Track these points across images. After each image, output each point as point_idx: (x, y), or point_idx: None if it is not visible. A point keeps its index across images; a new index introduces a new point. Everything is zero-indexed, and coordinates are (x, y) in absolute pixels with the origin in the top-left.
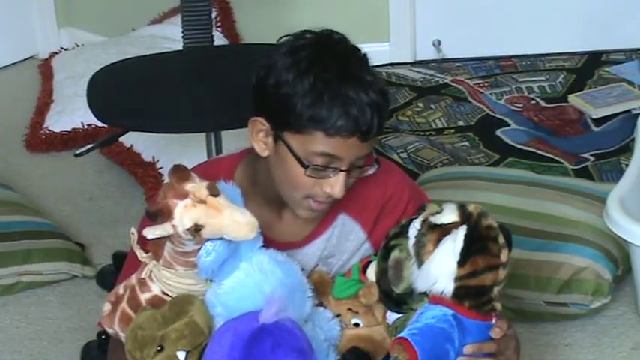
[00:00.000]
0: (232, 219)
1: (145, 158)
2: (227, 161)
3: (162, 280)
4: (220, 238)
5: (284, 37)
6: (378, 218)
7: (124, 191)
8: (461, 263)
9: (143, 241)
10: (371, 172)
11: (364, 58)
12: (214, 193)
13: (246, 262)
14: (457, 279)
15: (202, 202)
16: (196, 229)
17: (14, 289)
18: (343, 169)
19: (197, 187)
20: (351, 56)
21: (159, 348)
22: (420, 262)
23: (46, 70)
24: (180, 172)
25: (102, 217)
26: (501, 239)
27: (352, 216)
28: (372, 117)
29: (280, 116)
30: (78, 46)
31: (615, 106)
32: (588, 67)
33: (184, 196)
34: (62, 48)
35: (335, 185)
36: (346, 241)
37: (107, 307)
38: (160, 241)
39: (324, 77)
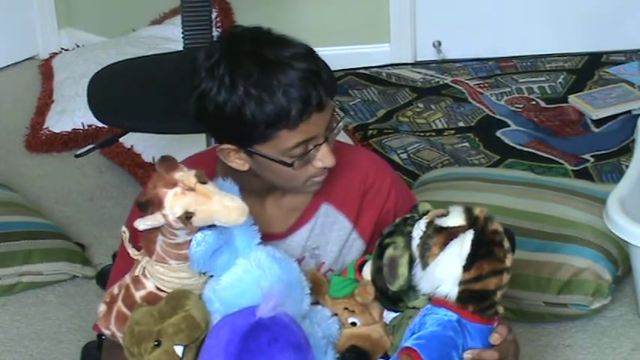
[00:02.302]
0: (222, 204)
1: (145, 159)
2: (208, 155)
3: (155, 275)
4: (211, 227)
5: (208, 46)
6: (361, 206)
7: (124, 192)
8: (466, 268)
9: (135, 240)
10: (341, 124)
11: (269, 35)
12: (202, 180)
13: (244, 259)
14: (462, 283)
15: (191, 189)
16: (187, 217)
17: (14, 289)
18: (321, 141)
19: (185, 175)
20: (259, 46)
21: (156, 343)
22: (425, 265)
23: (46, 70)
24: (168, 162)
25: (102, 217)
26: (506, 244)
27: (335, 205)
28: (315, 85)
29: (239, 135)
30: (78, 46)
31: (615, 107)
32: (588, 68)
33: (173, 184)
34: (62, 48)
35: (324, 158)
36: (330, 231)
37: (102, 308)
38: (151, 237)
39: (251, 82)
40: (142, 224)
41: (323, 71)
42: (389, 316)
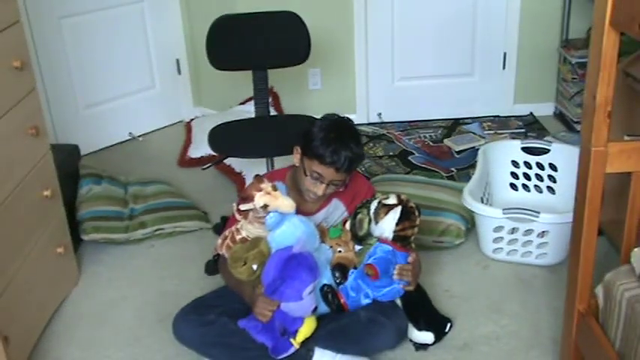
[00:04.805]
0: (282, 202)
1: (236, 170)
2: (282, 171)
3: (247, 229)
4: (276, 211)
5: (327, 115)
6: (352, 200)
7: (226, 187)
8: (397, 224)
9: (238, 211)
10: (341, 189)
11: (354, 132)
12: (274, 189)
13: (288, 222)
14: (394, 232)
15: (268, 193)
16: (264, 207)
17: (172, 234)
18: (324, 182)
19: (265, 185)
20: (347, 129)
21: (243, 263)
22: (377, 222)
23: (187, 128)
24: (259, 178)
25: (214, 199)
26: (417, 212)
27: (339, 199)
28: (345, 161)
29: (306, 148)
30: (203, 115)
31: (467, 144)
32: (453, 126)
33: (259, 190)
34: (196, 116)
35: (319, 190)
36: (335, 211)
37: (219, 241)
38: (247, 213)
39: (329, 137)
40: (244, 207)
41: (354, 162)
42: (357, 247)
